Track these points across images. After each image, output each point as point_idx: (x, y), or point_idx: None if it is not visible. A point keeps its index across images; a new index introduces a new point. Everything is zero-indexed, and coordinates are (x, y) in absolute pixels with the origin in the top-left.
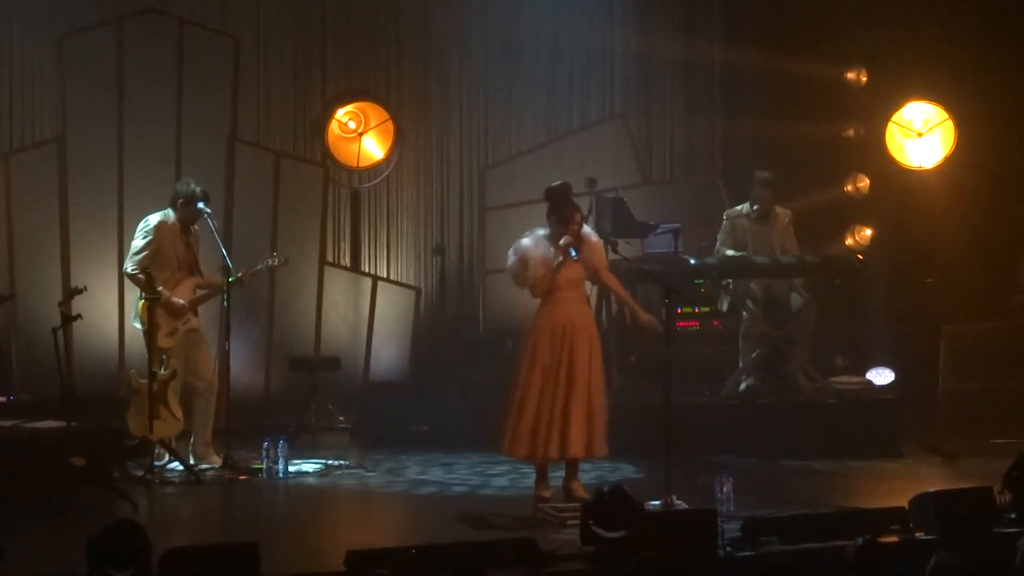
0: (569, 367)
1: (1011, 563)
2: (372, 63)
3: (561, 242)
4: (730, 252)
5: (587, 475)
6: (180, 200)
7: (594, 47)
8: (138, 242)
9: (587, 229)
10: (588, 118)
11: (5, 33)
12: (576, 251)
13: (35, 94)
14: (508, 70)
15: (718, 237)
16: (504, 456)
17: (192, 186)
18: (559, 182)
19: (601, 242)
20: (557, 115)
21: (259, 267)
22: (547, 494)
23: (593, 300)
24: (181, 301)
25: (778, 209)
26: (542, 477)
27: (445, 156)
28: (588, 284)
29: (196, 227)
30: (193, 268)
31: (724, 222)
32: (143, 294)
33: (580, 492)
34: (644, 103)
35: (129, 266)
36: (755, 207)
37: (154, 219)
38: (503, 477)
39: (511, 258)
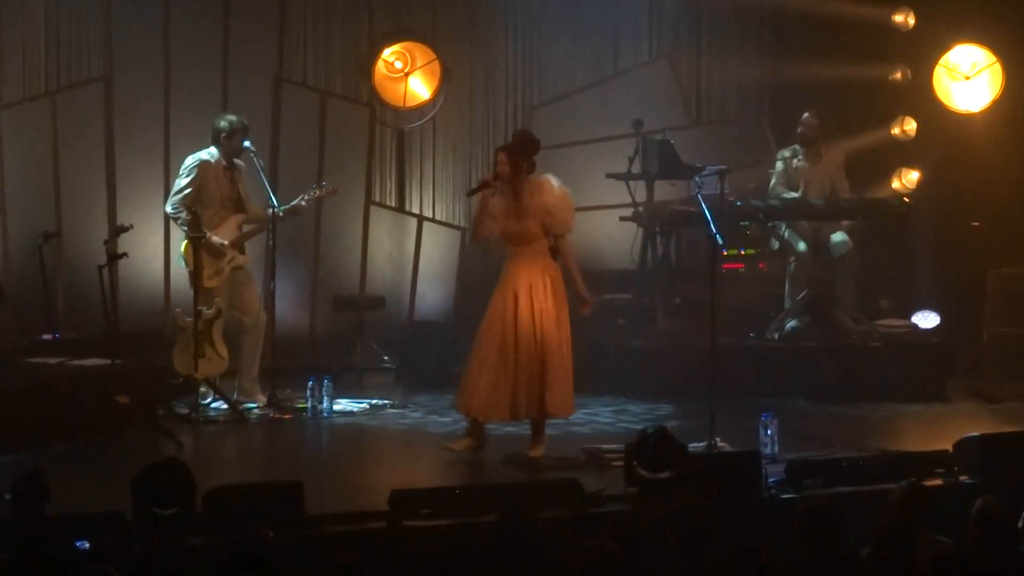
0: (516, 326)
1: None
2: (419, 3)
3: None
4: (786, 194)
5: (633, 416)
6: (223, 134)
7: None
8: (180, 182)
9: (554, 183)
10: (635, 59)
11: None
12: (473, 190)
13: (82, 33)
14: (556, 10)
15: (772, 177)
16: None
17: (232, 118)
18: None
19: (564, 198)
20: (604, 56)
21: (307, 197)
22: (458, 447)
23: (638, 242)
24: (221, 240)
25: (830, 148)
26: (471, 431)
27: (491, 96)
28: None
29: (241, 162)
30: (239, 205)
31: (777, 162)
32: (187, 233)
33: (536, 451)
34: (692, 44)
35: (169, 206)
36: (801, 132)
37: (196, 158)
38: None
39: None
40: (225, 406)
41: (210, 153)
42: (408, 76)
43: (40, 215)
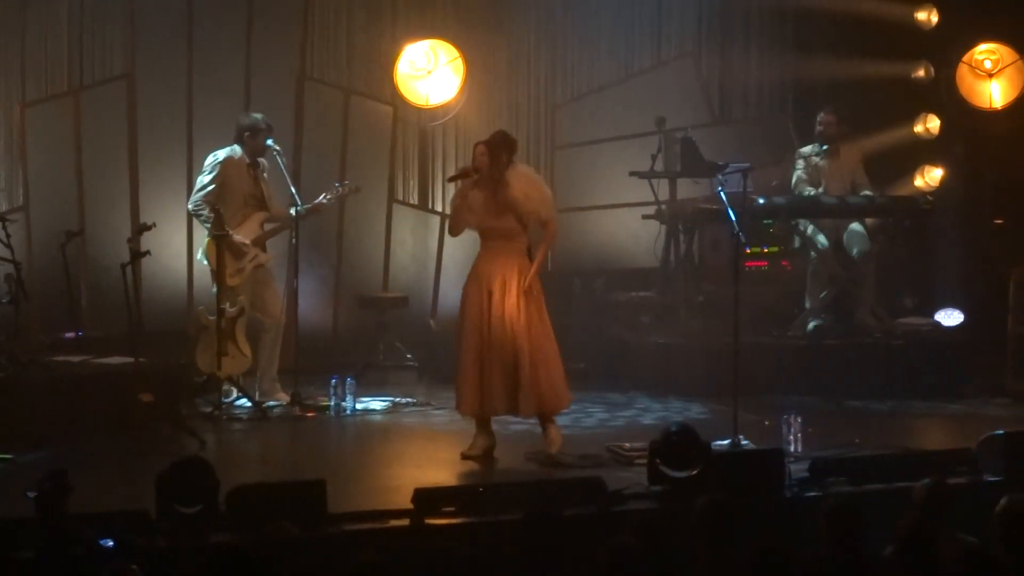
0: (490, 322)
1: None
2: (443, 1)
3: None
4: (809, 190)
5: (656, 414)
6: (246, 132)
7: None
8: (203, 178)
9: (530, 173)
10: (658, 57)
11: None
12: (453, 176)
13: (105, 31)
14: (579, 8)
15: (794, 175)
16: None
17: (255, 117)
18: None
19: (536, 186)
20: (627, 54)
21: (329, 196)
22: (475, 451)
23: (661, 240)
24: (242, 239)
25: (848, 145)
26: (481, 431)
27: (514, 94)
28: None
29: (264, 161)
30: (261, 203)
31: (798, 161)
32: (210, 231)
33: (550, 448)
34: (715, 42)
35: (191, 204)
36: (820, 131)
37: (220, 155)
38: (569, 417)
39: None
40: (248, 404)
41: (233, 151)
42: (431, 74)
43: (63, 213)
